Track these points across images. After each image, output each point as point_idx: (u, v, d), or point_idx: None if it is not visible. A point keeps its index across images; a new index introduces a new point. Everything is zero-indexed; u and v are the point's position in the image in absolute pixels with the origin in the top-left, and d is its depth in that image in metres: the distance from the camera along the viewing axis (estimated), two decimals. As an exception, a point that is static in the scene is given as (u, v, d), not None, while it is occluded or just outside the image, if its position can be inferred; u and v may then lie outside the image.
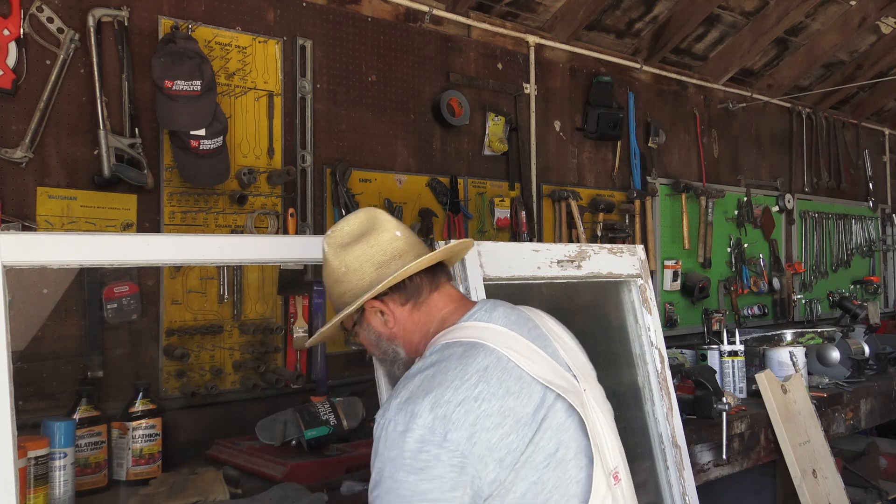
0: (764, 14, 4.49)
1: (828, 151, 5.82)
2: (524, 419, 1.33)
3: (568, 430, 1.39)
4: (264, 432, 2.39)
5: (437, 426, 1.27)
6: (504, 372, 1.35)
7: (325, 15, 3.07)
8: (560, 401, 1.39)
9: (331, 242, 1.55)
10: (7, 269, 1.52)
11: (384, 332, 1.53)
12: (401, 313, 1.52)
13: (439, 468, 1.26)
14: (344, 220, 1.57)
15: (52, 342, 2.34)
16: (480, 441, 1.28)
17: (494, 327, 1.45)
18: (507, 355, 1.38)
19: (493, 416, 1.30)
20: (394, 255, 1.51)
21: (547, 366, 1.43)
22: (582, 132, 4.10)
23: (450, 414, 1.28)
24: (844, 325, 4.64)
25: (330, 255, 1.55)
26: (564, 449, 1.37)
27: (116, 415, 2.22)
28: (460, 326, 1.46)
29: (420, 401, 1.29)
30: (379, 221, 1.55)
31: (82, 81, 2.44)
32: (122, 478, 2.16)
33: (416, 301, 1.52)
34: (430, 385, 1.31)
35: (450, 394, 1.30)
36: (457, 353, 1.38)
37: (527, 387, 1.36)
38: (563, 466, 1.36)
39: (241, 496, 2.05)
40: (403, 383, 1.36)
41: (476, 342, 1.40)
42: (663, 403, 2.41)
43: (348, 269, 1.51)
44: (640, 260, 2.51)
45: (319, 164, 3.01)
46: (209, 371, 2.66)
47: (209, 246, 1.83)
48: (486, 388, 1.32)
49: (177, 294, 2.60)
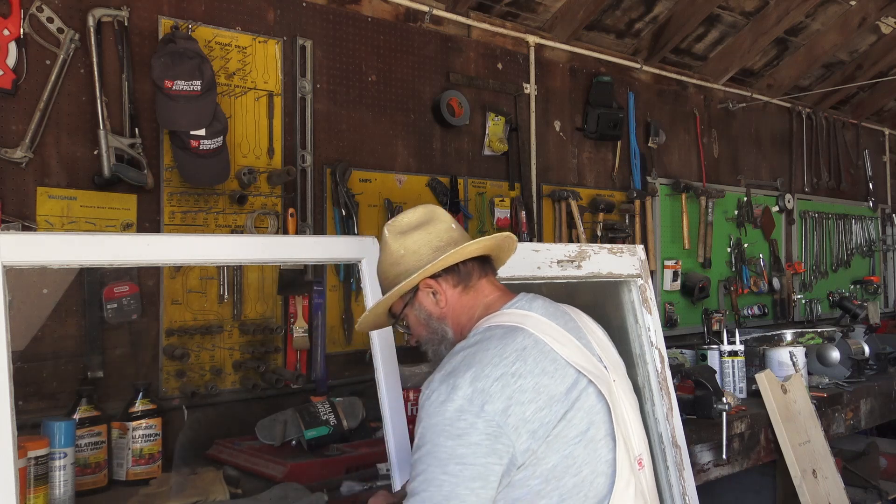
0: (764, 14, 4.49)
1: (828, 151, 5.82)
2: (557, 397, 1.45)
3: (599, 413, 1.50)
4: (264, 432, 2.39)
5: (476, 398, 1.39)
6: (540, 354, 1.48)
7: (325, 15, 3.07)
8: (591, 385, 1.51)
9: (391, 230, 1.68)
10: (7, 269, 1.52)
11: (435, 311, 1.65)
12: (451, 294, 1.64)
13: (475, 436, 1.38)
14: (403, 213, 1.70)
15: (52, 342, 2.33)
16: (514, 413, 1.40)
17: (534, 315, 1.57)
18: (544, 339, 1.51)
19: (528, 391, 1.42)
20: (449, 242, 1.64)
21: (580, 353, 1.55)
22: (582, 132, 4.10)
23: (487, 388, 1.40)
24: (844, 325, 4.64)
25: (390, 240, 1.66)
26: (595, 429, 1.49)
27: (116, 415, 2.22)
28: (503, 312, 1.59)
29: (462, 375, 1.42)
30: (437, 214, 1.69)
31: (82, 81, 2.44)
32: (122, 478, 2.17)
33: (466, 285, 1.65)
34: (472, 361, 1.45)
35: (489, 370, 1.42)
36: (498, 334, 1.51)
37: (561, 369, 1.49)
38: (593, 445, 1.48)
39: (241, 496, 2.05)
40: (448, 359, 1.50)
41: (516, 326, 1.52)
42: (663, 403, 2.41)
43: (407, 251, 1.63)
44: (640, 260, 2.51)
45: (319, 164, 3.01)
46: (209, 371, 2.66)
47: (209, 246, 1.83)
48: (522, 366, 1.44)
49: (177, 294, 2.60)
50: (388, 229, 1.69)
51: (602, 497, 1.48)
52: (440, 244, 1.64)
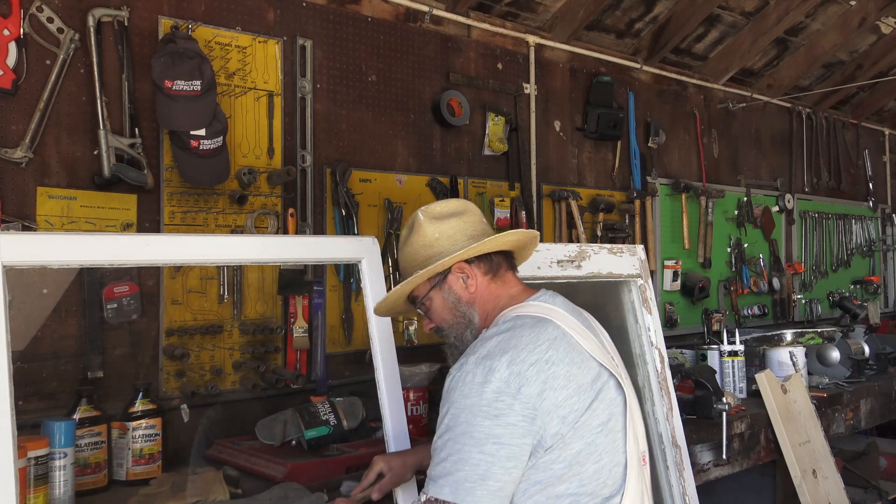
0: (764, 14, 4.49)
1: (828, 151, 5.82)
2: (585, 386, 1.52)
3: (618, 406, 1.58)
4: (264, 432, 2.39)
5: (513, 380, 1.45)
6: (568, 345, 1.54)
7: (325, 15, 3.07)
8: (612, 379, 1.58)
9: (427, 214, 1.73)
10: (7, 269, 1.53)
11: (464, 295, 1.70)
12: (482, 281, 1.70)
13: (513, 417, 1.43)
14: (437, 202, 1.77)
15: (52, 342, 2.33)
16: (549, 398, 1.46)
17: (558, 310, 1.63)
18: (569, 332, 1.57)
19: (560, 378, 1.48)
20: (483, 233, 1.71)
21: (599, 349, 1.62)
22: (582, 132, 4.10)
23: (524, 371, 1.46)
24: (844, 325, 4.64)
25: (425, 223, 1.71)
26: (615, 421, 1.55)
27: (116, 415, 2.22)
28: (528, 304, 1.65)
29: (499, 358, 1.47)
30: (470, 207, 1.76)
31: (82, 81, 2.44)
32: (122, 478, 2.17)
33: (495, 274, 1.71)
34: (507, 346, 1.50)
35: (524, 354, 1.48)
36: (529, 323, 1.56)
37: (586, 361, 1.55)
38: (613, 435, 1.54)
39: (241, 496, 2.05)
40: (481, 343, 1.54)
41: (544, 318, 1.59)
42: (663, 403, 2.41)
43: (442, 235, 1.69)
44: (640, 260, 2.51)
45: (319, 164, 3.01)
46: (209, 371, 2.66)
47: (209, 246, 1.84)
48: (555, 353, 1.50)
49: (177, 294, 2.60)
50: (423, 214, 1.73)
51: (618, 486, 1.54)
52: (474, 233, 1.70)
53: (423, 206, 1.76)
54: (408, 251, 1.74)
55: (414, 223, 1.74)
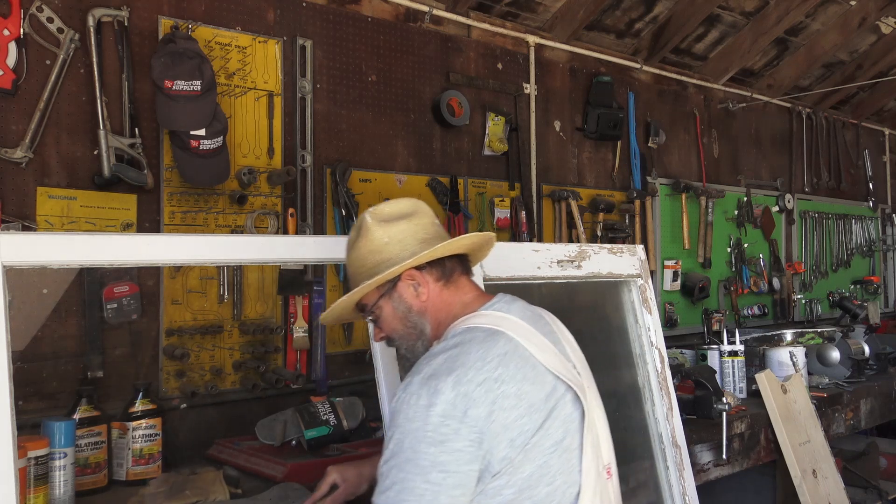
0: (764, 14, 4.49)
1: (828, 151, 5.82)
2: (537, 404, 1.41)
3: (574, 422, 1.48)
4: (264, 432, 2.39)
5: (459, 402, 1.34)
6: (521, 359, 1.44)
7: (325, 15, 3.07)
8: (569, 393, 1.48)
9: (375, 216, 1.62)
10: (7, 269, 1.52)
11: (415, 304, 1.59)
12: (434, 288, 1.59)
13: (459, 442, 1.34)
14: (387, 203, 1.65)
15: (52, 342, 2.33)
16: (497, 420, 1.35)
17: (513, 318, 1.52)
18: (523, 344, 1.46)
19: (511, 397, 1.38)
20: (435, 236, 1.61)
21: (557, 359, 1.51)
22: (582, 132, 4.10)
23: (471, 392, 1.35)
24: (844, 325, 4.64)
25: (373, 226, 1.60)
26: (570, 438, 1.46)
27: (116, 415, 2.22)
28: (482, 314, 1.54)
29: (444, 378, 1.36)
30: (421, 207, 1.65)
31: (82, 81, 2.44)
32: (122, 478, 2.16)
33: (448, 280, 1.61)
34: (454, 364, 1.39)
35: (472, 374, 1.37)
36: (479, 336, 1.46)
37: (540, 375, 1.45)
38: (567, 454, 1.45)
39: (241, 496, 2.05)
40: (427, 361, 1.43)
41: (497, 329, 1.48)
42: (663, 403, 2.41)
43: (391, 239, 1.58)
44: (640, 260, 2.51)
45: (319, 164, 3.01)
46: (209, 371, 2.66)
47: (209, 246, 1.83)
48: (505, 371, 1.40)
49: (177, 294, 2.60)
50: (371, 216, 1.62)
51: None
52: (426, 237, 1.60)
53: (372, 207, 1.65)
54: (355, 257, 1.63)
55: (361, 226, 1.63)
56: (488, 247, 1.73)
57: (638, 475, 2.39)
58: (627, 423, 2.43)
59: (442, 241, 1.59)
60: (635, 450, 2.41)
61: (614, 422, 2.39)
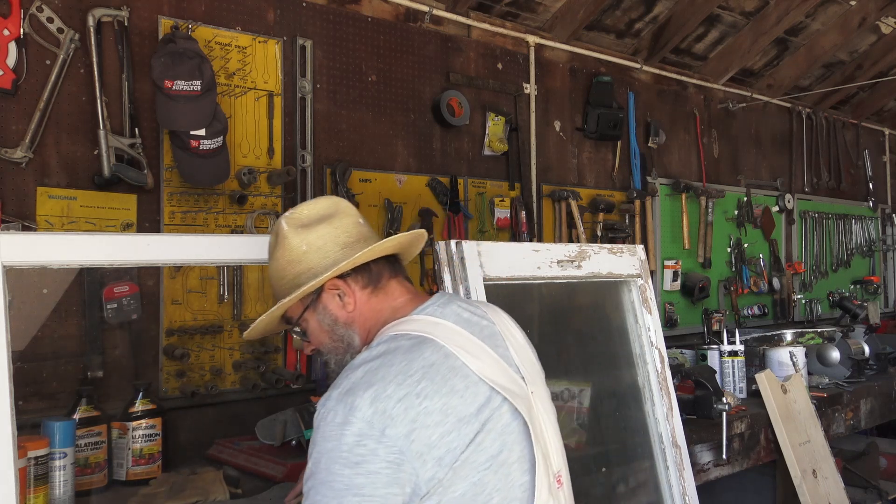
0: (764, 14, 4.49)
1: (828, 151, 5.82)
2: (467, 418, 1.30)
3: (512, 433, 1.36)
4: (264, 432, 2.39)
5: (377, 421, 1.24)
6: (450, 370, 1.33)
7: (325, 15, 3.07)
8: (506, 403, 1.36)
9: (290, 222, 1.50)
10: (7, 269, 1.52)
11: (341, 316, 1.48)
12: (361, 296, 1.48)
13: (375, 463, 1.24)
14: (304, 204, 1.53)
15: (52, 342, 2.33)
16: (419, 438, 1.25)
17: (446, 324, 1.42)
18: (455, 353, 1.35)
19: (435, 413, 1.27)
20: (359, 238, 1.50)
21: (496, 367, 1.40)
22: (582, 132, 4.10)
23: (390, 409, 1.25)
24: (844, 325, 4.64)
25: (289, 233, 1.48)
26: (508, 451, 1.34)
27: (116, 415, 2.22)
28: (411, 319, 1.43)
29: (361, 393, 1.27)
30: (342, 207, 1.54)
31: (82, 81, 2.44)
32: (122, 478, 2.16)
33: (376, 286, 1.49)
34: (373, 378, 1.29)
35: (392, 388, 1.27)
36: (404, 346, 1.35)
37: (472, 386, 1.34)
38: (505, 469, 1.33)
39: (241, 496, 2.05)
40: (347, 373, 1.33)
41: (425, 337, 1.37)
42: (663, 403, 2.41)
43: (310, 247, 1.47)
44: (640, 260, 2.51)
45: (319, 164, 3.01)
46: (209, 371, 2.66)
47: (209, 246, 1.83)
48: (429, 385, 1.29)
49: (177, 294, 2.60)
50: (287, 221, 1.50)
51: None
52: (348, 240, 1.49)
53: (289, 211, 1.53)
54: (274, 267, 1.51)
55: (278, 233, 1.50)
56: (419, 243, 1.63)
57: (638, 475, 2.39)
58: (627, 423, 2.43)
59: (367, 243, 1.50)
60: (635, 450, 2.41)
61: (614, 422, 2.40)
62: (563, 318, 2.44)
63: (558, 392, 2.27)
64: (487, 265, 2.04)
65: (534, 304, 2.32)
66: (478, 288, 1.99)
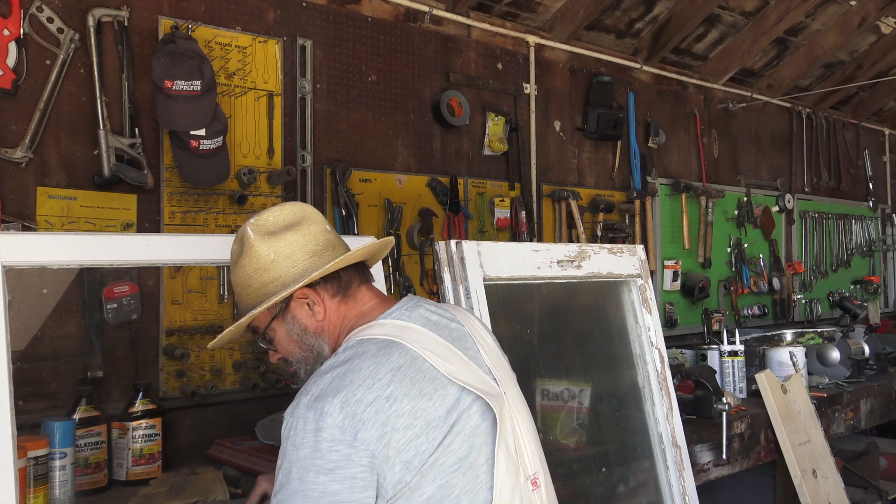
0: (764, 14, 4.49)
1: (828, 151, 5.82)
2: (435, 421, 1.30)
3: (481, 435, 1.35)
4: (264, 432, 2.39)
5: (348, 425, 1.24)
6: (418, 373, 1.32)
7: (325, 15, 3.07)
8: (476, 404, 1.36)
9: (257, 229, 1.46)
10: (7, 269, 1.53)
11: (311, 325, 1.47)
12: (331, 304, 1.47)
13: (350, 469, 1.24)
14: (269, 210, 1.49)
15: (52, 342, 2.33)
16: (390, 442, 1.25)
17: (413, 326, 1.41)
18: (422, 355, 1.35)
19: (404, 416, 1.27)
20: (327, 246, 1.47)
21: (466, 368, 1.40)
22: (582, 132, 4.10)
23: (360, 413, 1.25)
24: (844, 325, 4.64)
25: (256, 241, 1.45)
26: (476, 453, 1.34)
27: (116, 415, 2.22)
28: (378, 323, 1.42)
29: (331, 399, 1.26)
30: (309, 213, 1.50)
31: (82, 81, 2.44)
32: (122, 478, 2.16)
33: (346, 294, 1.48)
34: (342, 383, 1.28)
35: (361, 393, 1.27)
36: (371, 350, 1.34)
37: (441, 388, 1.33)
38: (474, 471, 1.33)
39: (241, 496, 2.05)
40: (314, 380, 1.32)
41: (392, 340, 1.36)
42: (663, 403, 2.41)
43: (278, 255, 1.43)
44: (640, 260, 2.51)
45: (319, 164, 3.01)
46: (209, 371, 2.66)
47: (209, 246, 1.84)
48: (398, 388, 1.29)
49: (177, 294, 2.60)
50: (253, 228, 1.46)
51: None
52: (316, 248, 1.46)
53: (254, 217, 1.48)
54: (240, 276, 1.47)
55: (244, 241, 1.46)
56: (386, 249, 1.63)
57: (638, 475, 2.39)
58: (627, 423, 2.43)
59: (335, 249, 1.48)
60: (635, 450, 2.41)
61: (614, 422, 2.40)
62: (563, 318, 2.44)
63: (558, 392, 2.27)
64: (487, 265, 2.04)
65: (534, 304, 2.32)
66: (478, 288, 1.99)
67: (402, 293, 3.17)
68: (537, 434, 1.51)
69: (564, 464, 2.21)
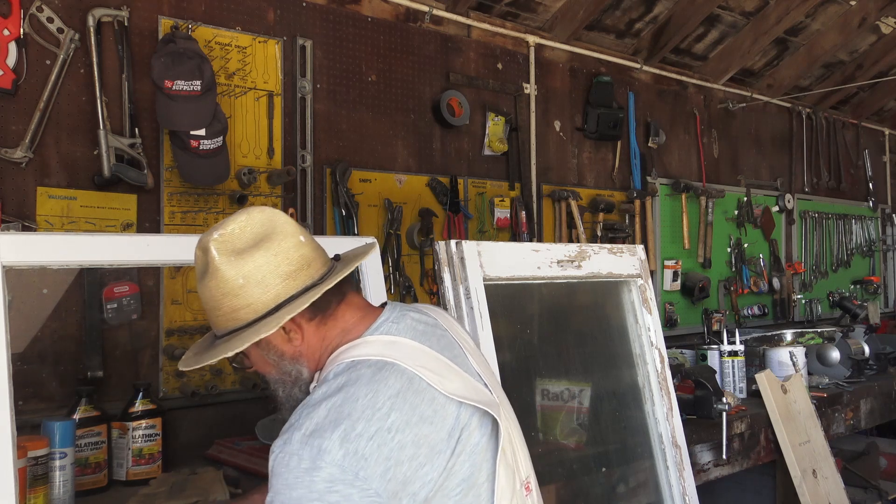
0: (764, 14, 4.49)
1: (828, 151, 5.82)
2: (439, 446, 1.24)
3: (481, 452, 1.31)
4: (264, 432, 2.39)
5: (349, 464, 1.15)
6: (416, 395, 1.25)
7: (325, 15, 3.07)
8: (475, 417, 1.31)
9: (221, 248, 1.31)
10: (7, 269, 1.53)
11: (288, 350, 1.36)
12: (308, 328, 1.36)
13: None
14: (234, 221, 1.34)
15: (52, 342, 2.33)
16: (395, 477, 1.18)
17: (403, 341, 1.33)
18: (419, 375, 1.27)
19: (408, 447, 1.20)
20: (301, 265, 1.33)
21: (460, 380, 1.33)
22: (582, 132, 4.10)
23: (362, 448, 1.16)
24: (844, 325, 4.64)
25: (222, 263, 1.30)
26: (478, 471, 1.29)
27: (116, 415, 2.22)
28: (366, 341, 1.33)
29: (328, 434, 1.16)
30: (278, 224, 1.35)
31: (82, 81, 2.44)
32: (122, 478, 2.16)
33: (325, 314, 1.37)
34: (339, 416, 1.19)
35: (361, 426, 1.18)
36: (365, 376, 1.25)
37: (441, 409, 1.27)
38: (475, 490, 1.29)
39: (241, 496, 2.05)
40: (307, 412, 1.22)
41: (386, 362, 1.28)
42: (663, 403, 2.41)
43: (248, 280, 1.29)
44: (640, 260, 2.51)
45: (319, 164, 3.01)
46: (209, 371, 2.66)
47: (209, 246, 1.83)
48: (399, 416, 1.21)
49: (177, 294, 2.60)
50: (217, 247, 1.31)
51: None
52: (290, 269, 1.31)
53: (216, 231, 1.32)
54: (207, 295, 1.33)
55: (208, 262, 1.31)
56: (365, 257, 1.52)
57: (638, 475, 2.39)
58: (627, 423, 2.43)
59: (310, 267, 1.34)
60: (635, 450, 2.41)
61: (614, 422, 2.40)
62: (563, 318, 2.44)
63: (558, 392, 2.27)
64: (487, 265, 2.04)
65: (534, 304, 2.32)
66: (478, 288, 1.99)
67: (402, 293, 3.17)
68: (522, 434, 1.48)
69: (564, 464, 2.21)
